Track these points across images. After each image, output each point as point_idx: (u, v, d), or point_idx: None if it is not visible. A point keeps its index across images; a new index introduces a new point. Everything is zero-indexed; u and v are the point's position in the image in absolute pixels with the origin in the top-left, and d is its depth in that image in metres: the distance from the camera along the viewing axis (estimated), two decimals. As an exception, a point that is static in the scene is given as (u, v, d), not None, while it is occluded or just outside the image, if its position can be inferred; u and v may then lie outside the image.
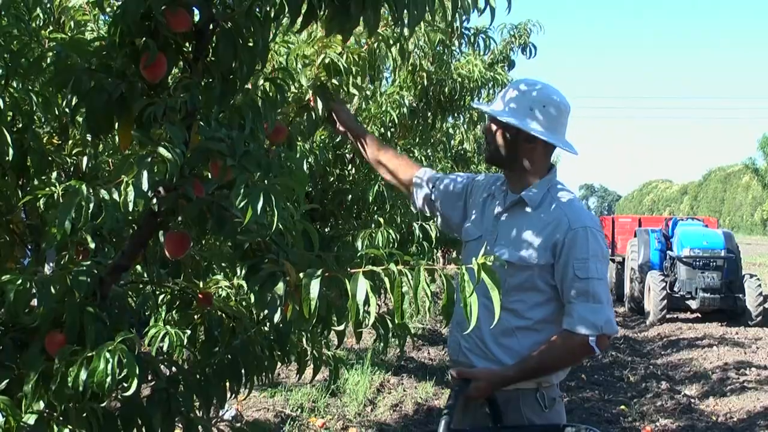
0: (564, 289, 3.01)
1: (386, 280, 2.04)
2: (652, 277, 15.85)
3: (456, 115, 6.47)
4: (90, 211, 2.07)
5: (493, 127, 3.18)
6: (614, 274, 20.12)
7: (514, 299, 3.02)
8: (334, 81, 3.44)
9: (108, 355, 2.11)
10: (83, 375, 2.10)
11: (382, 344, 2.50)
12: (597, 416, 8.38)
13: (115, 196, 2.12)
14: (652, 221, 21.44)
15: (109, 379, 2.09)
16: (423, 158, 6.44)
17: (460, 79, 5.96)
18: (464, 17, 4.29)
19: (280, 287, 2.12)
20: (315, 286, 2.04)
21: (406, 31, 2.67)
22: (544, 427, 3.06)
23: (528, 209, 3.11)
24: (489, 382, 3.02)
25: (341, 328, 2.27)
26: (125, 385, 2.15)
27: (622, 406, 8.82)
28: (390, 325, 2.52)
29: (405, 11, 2.42)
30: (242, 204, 2.07)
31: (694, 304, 15.51)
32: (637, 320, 16.48)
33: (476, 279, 2.03)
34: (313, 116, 3.45)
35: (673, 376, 10.79)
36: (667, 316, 15.66)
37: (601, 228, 3.18)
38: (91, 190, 2.12)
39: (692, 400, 9.26)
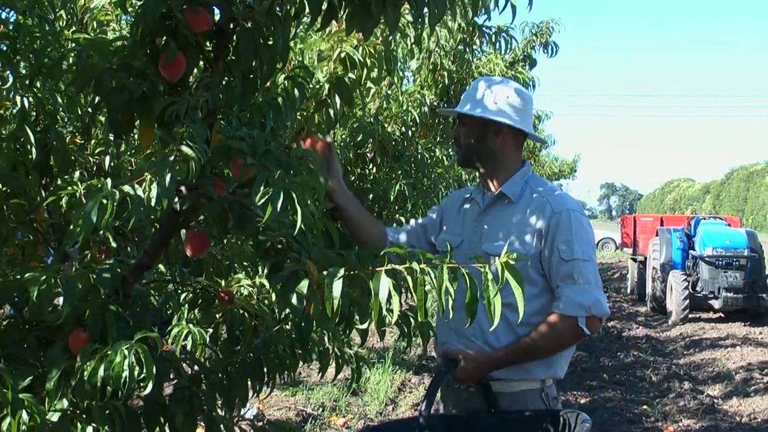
0: (552, 274, 3.02)
1: (409, 278, 2.03)
2: (674, 277, 15.76)
3: (478, 114, 6.44)
4: (115, 204, 2.08)
5: (461, 130, 3.21)
6: (636, 273, 20.03)
7: (509, 292, 3.00)
8: (351, 75, 3.44)
9: (126, 351, 2.11)
10: (101, 370, 2.11)
11: (404, 343, 2.49)
12: (619, 416, 8.34)
13: (140, 192, 2.13)
14: (674, 220, 21.32)
15: (125, 373, 2.09)
16: (444, 157, 6.44)
17: (481, 78, 5.93)
18: (485, 16, 4.29)
19: (302, 286, 2.12)
20: (337, 285, 2.03)
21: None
22: (542, 412, 3.05)
23: (510, 202, 3.13)
24: (477, 364, 3.01)
25: (364, 326, 2.26)
26: (143, 384, 2.16)
27: (645, 406, 8.77)
28: (413, 324, 2.52)
29: (425, 9, 2.42)
30: (262, 202, 2.07)
31: (716, 303, 15.39)
32: (659, 320, 16.38)
33: (500, 278, 2.03)
34: (331, 113, 3.45)
35: (696, 376, 10.73)
36: (690, 315, 15.55)
37: (584, 210, 3.21)
38: (115, 187, 2.13)
39: (715, 401, 9.20)
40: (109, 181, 2.14)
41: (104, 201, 2.08)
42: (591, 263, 3.03)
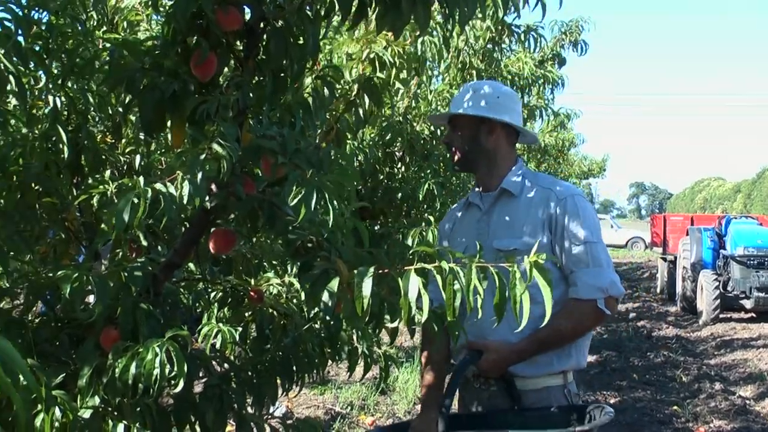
0: (564, 260, 3.04)
1: (438, 277, 2.03)
2: (704, 276, 15.63)
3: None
4: (147, 203, 2.09)
5: (453, 135, 3.23)
6: (666, 273, 19.87)
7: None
8: (380, 75, 3.44)
9: (157, 349, 2.13)
10: (133, 368, 2.12)
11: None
12: (649, 416, 8.28)
13: (172, 190, 2.14)
14: (705, 219, 21.12)
15: (156, 371, 2.11)
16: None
17: (510, 77, 5.94)
18: (515, 14, 4.27)
19: (332, 285, 2.12)
20: (367, 284, 2.03)
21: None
22: (569, 407, 3.05)
23: (512, 197, 3.16)
24: (500, 354, 3.01)
25: (393, 325, 2.26)
26: (173, 382, 2.17)
27: (675, 407, 8.71)
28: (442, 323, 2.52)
29: (456, 8, 2.41)
30: (295, 201, 2.08)
31: (748, 303, 15.23)
32: (690, 320, 16.24)
33: (528, 277, 2.02)
34: (360, 112, 3.45)
35: (727, 376, 10.63)
36: (721, 315, 15.41)
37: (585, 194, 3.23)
38: (147, 185, 2.14)
39: (747, 402, 9.10)
40: (141, 179, 2.16)
41: (136, 200, 2.09)
42: (601, 244, 3.07)
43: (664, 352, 12.17)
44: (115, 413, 2.27)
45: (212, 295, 3.01)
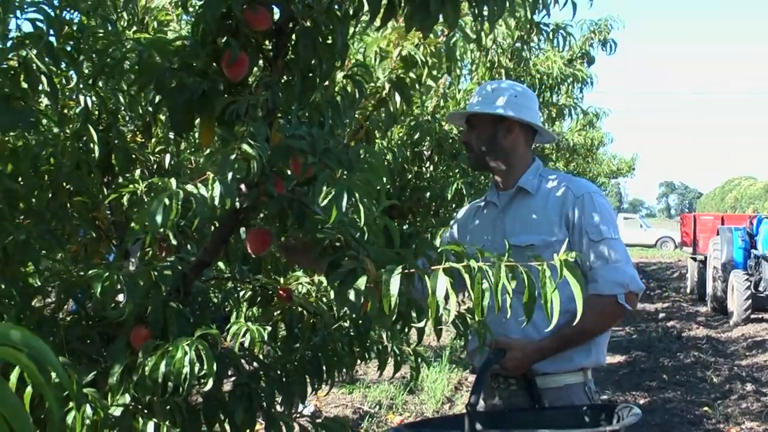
0: (583, 257, 3.01)
1: (466, 276, 2.02)
2: (735, 277, 15.49)
3: (535, 111, 6.39)
4: (180, 203, 2.10)
5: (472, 134, 3.23)
6: (696, 272, 19.72)
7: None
8: (411, 74, 3.44)
9: (186, 347, 2.14)
10: (162, 366, 2.13)
11: (461, 342, 2.48)
12: (679, 417, 8.23)
13: (203, 191, 2.15)
14: (736, 219, 20.94)
15: (186, 369, 2.12)
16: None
17: (539, 76, 5.91)
18: (543, 12, 4.25)
19: (360, 283, 2.12)
20: (395, 282, 2.02)
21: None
22: (596, 406, 3.04)
23: (529, 195, 3.17)
24: (525, 353, 3.00)
25: (421, 324, 2.25)
26: (203, 381, 2.18)
27: (706, 408, 8.64)
28: (470, 322, 2.51)
29: (485, 6, 2.41)
30: (326, 202, 2.08)
31: (779, 304, 15.10)
32: (720, 320, 16.11)
33: (558, 275, 2.01)
34: (391, 110, 3.45)
35: (759, 377, 10.51)
36: (752, 316, 15.27)
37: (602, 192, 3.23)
38: (179, 186, 2.15)
39: (779, 403, 9.02)
40: (173, 180, 2.17)
41: (168, 201, 2.10)
42: (619, 241, 3.07)
43: (695, 352, 12.08)
44: (145, 411, 2.28)
45: (241, 293, 3.02)
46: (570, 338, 3.00)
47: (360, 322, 2.80)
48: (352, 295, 2.12)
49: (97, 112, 2.83)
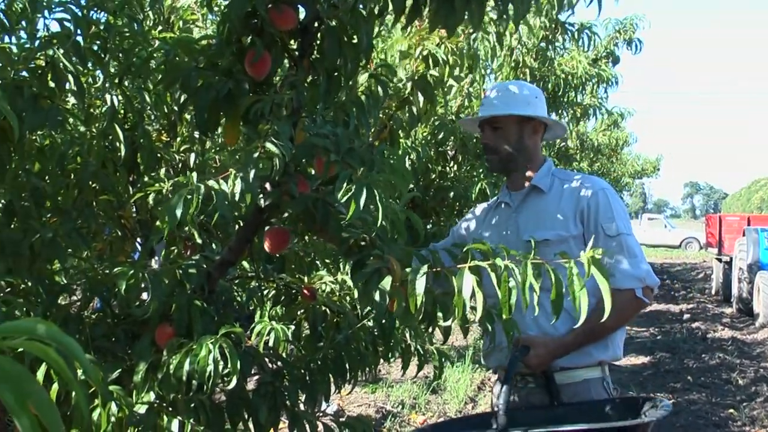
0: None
1: (492, 275, 2.01)
2: (762, 278, 15.34)
3: (559, 111, 6.39)
4: (200, 198, 2.11)
5: (493, 135, 3.20)
6: (721, 274, 19.57)
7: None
8: (433, 73, 3.43)
9: (211, 345, 2.15)
10: (187, 364, 2.14)
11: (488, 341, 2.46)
12: (704, 419, 8.17)
13: (224, 187, 2.15)
14: (762, 220, 20.75)
15: (210, 367, 2.13)
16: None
17: (563, 75, 5.90)
18: (569, 12, 4.24)
19: (385, 283, 2.11)
20: (421, 282, 2.03)
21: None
22: (621, 400, 3.03)
23: (542, 193, 3.17)
24: (548, 349, 3.00)
25: (447, 323, 2.24)
26: (227, 379, 2.19)
27: (731, 410, 8.57)
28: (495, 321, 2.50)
29: (510, 5, 2.40)
30: (345, 199, 2.08)
31: (806, 306, 14.95)
32: (746, 322, 15.97)
33: (586, 273, 2.00)
34: (414, 110, 3.45)
35: (786, 380, 10.44)
36: (779, 318, 15.15)
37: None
38: (200, 182, 2.16)
39: (806, 406, 8.94)
40: (194, 175, 2.18)
41: (189, 196, 2.12)
42: (633, 237, 3.09)
43: (720, 354, 11.98)
44: (170, 409, 2.29)
45: (265, 292, 3.03)
46: (591, 333, 2.99)
47: (383, 321, 2.80)
48: (377, 295, 2.12)
49: (123, 112, 2.85)
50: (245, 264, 3.00)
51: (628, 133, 17.25)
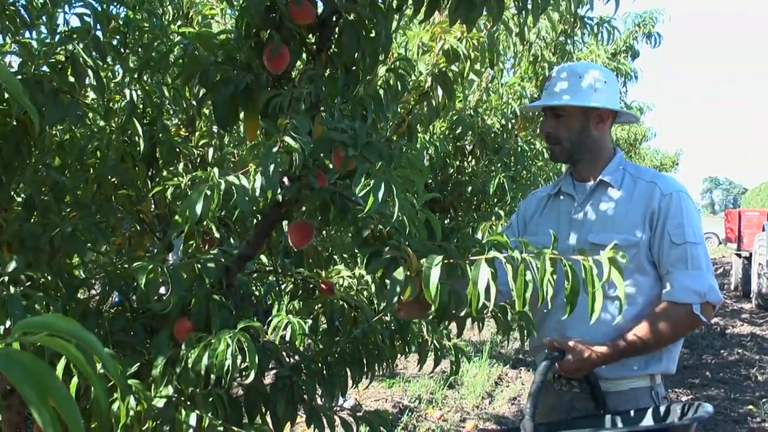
0: (661, 259, 2.86)
1: (509, 267, 1.99)
2: (782, 274, 15.30)
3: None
4: (221, 194, 2.11)
5: (555, 124, 3.03)
6: (741, 269, 19.48)
7: (626, 284, 2.70)
8: (453, 67, 3.42)
9: (229, 340, 2.15)
10: (205, 358, 2.15)
11: (501, 336, 2.45)
12: (723, 415, 8.14)
13: (244, 182, 2.16)
14: (782, 215, 20.65)
15: (228, 361, 2.13)
16: (544, 150, 6.38)
17: (582, 69, 5.83)
18: (587, 6, 4.22)
19: (400, 272, 2.10)
20: (436, 272, 2.01)
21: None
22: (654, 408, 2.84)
23: (612, 190, 2.99)
24: (583, 358, 2.81)
25: (462, 314, 2.22)
26: (245, 373, 2.19)
27: (750, 406, 8.54)
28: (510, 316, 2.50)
29: (529, 1, 2.39)
30: (363, 193, 2.07)
31: (826, 301, 14.88)
32: (765, 317, 15.90)
33: (606, 273, 1.97)
34: (433, 104, 3.43)
35: (806, 376, 10.39)
36: (798, 313, 15.09)
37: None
38: (220, 177, 2.17)
39: (825, 402, 8.89)
40: (215, 170, 2.18)
41: (209, 192, 2.12)
42: (702, 246, 2.87)
43: (739, 350, 11.94)
44: (188, 403, 2.30)
45: (283, 287, 3.04)
46: (634, 345, 2.83)
47: (401, 314, 2.80)
48: (393, 286, 2.11)
49: (142, 106, 2.86)
50: (263, 258, 3.00)
51: (647, 128, 17.15)
